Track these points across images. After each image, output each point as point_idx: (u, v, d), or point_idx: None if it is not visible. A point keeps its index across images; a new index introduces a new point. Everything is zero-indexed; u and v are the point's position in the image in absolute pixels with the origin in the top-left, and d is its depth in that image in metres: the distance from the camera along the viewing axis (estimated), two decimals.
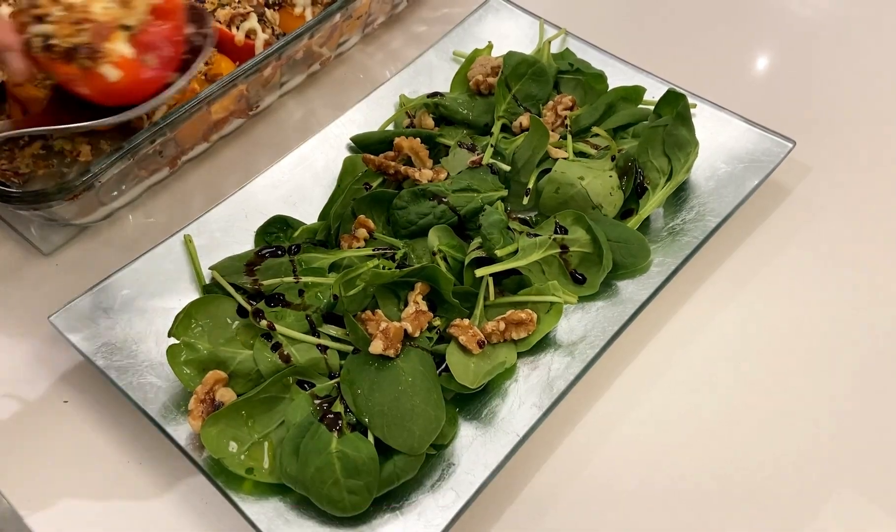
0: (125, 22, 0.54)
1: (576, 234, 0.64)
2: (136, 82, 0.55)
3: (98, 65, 0.52)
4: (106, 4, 0.54)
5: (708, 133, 0.72)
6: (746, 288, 0.67)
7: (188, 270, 0.65)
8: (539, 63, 0.75)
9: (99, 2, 0.53)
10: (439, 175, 0.68)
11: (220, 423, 0.55)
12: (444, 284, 0.60)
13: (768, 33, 0.88)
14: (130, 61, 0.53)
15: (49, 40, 0.52)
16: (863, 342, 0.64)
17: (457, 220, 0.65)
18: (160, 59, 0.56)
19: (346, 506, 0.52)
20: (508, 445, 0.55)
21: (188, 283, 0.65)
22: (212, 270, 0.64)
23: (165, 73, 0.56)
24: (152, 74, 0.55)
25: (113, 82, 0.53)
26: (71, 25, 0.52)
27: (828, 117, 0.79)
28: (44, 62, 0.53)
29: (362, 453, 0.53)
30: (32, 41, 0.52)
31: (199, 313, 0.60)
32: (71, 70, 0.52)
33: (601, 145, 0.72)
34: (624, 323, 0.61)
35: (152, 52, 0.55)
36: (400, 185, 0.69)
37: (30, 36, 0.52)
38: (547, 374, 0.59)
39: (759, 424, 0.60)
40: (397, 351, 0.57)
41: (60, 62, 0.52)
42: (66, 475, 0.58)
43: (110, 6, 0.53)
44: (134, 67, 0.54)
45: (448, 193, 0.66)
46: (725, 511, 0.56)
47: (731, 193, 0.68)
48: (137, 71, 0.54)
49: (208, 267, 0.65)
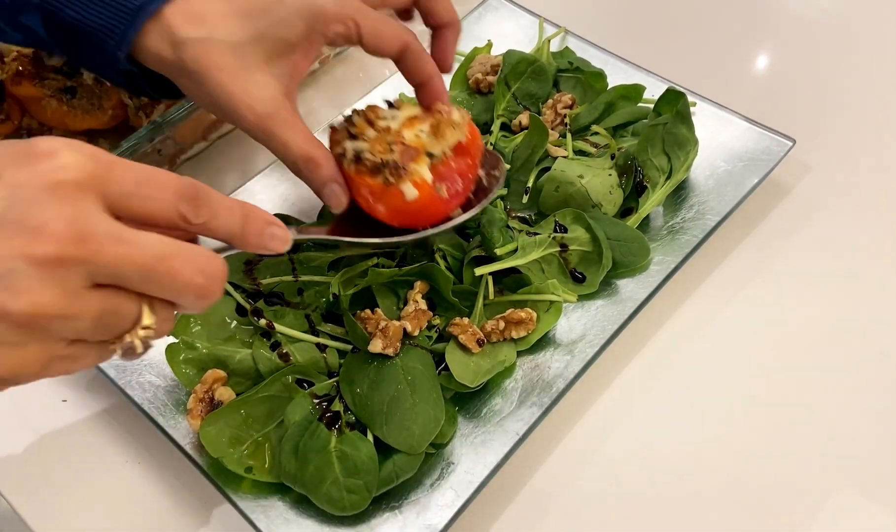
0: (431, 150, 0.57)
1: (575, 232, 0.64)
2: (427, 208, 0.58)
3: (400, 182, 0.55)
4: (418, 132, 0.57)
5: (708, 131, 0.72)
6: (746, 287, 0.67)
7: None
8: (538, 61, 0.75)
9: (412, 129, 0.57)
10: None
11: (220, 422, 0.55)
12: (443, 283, 0.60)
13: (768, 32, 0.88)
14: (427, 186, 0.56)
15: (361, 154, 0.56)
16: (864, 340, 0.64)
17: None
18: (450, 192, 0.58)
19: (345, 505, 0.52)
20: (508, 444, 0.55)
21: None
22: None
23: (451, 206, 0.59)
24: (441, 205, 0.58)
25: (407, 202, 0.56)
26: (384, 143, 0.56)
27: (828, 116, 0.79)
28: (351, 174, 0.56)
29: (361, 452, 0.53)
30: (346, 154, 0.57)
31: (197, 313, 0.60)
32: (375, 183, 0.55)
33: (601, 144, 0.72)
34: (624, 322, 0.61)
35: (446, 182, 0.58)
36: None
37: (343, 150, 0.57)
38: (547, 373, 0.59)
39: (760, 423, 0.60)
40: (396, 350, 0.57)
41: (367, 175, 0.55)
42: (64, 474, 0.58)
43: (421, 134, 0.57)
44: (428, 193, 0.57)
45: None
46: (726, 510, 0.56)
47: (730, 192, 0.68)
48: (430, 197, 0.57)
49: None
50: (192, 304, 0.40)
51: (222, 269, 0.41)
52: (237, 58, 0.54)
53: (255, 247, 0.44)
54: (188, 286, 0.39)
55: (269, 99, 0.54)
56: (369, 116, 0.58)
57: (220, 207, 0.42)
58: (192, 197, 0.40)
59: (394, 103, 0.60)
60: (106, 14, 0.54)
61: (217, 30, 0.54)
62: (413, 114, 0.59)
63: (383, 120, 0.58)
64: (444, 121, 0.57)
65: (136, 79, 0.58)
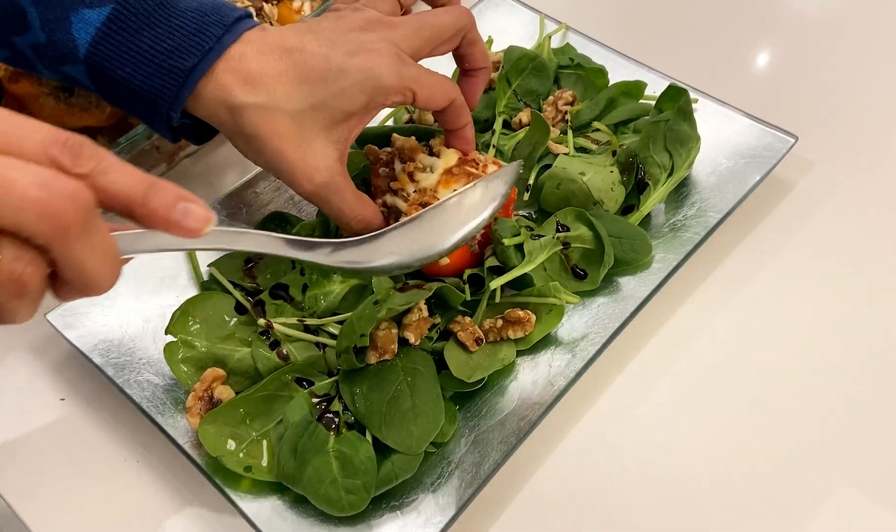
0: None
1: (578, 230, 0.63)
2: (459, 265, 0.60)
3: None
4: (450, 192, 0.59)
5: (710, 128, 0.71)
6: (748, 284, 0.67)
7: (186, 267, 0.65)
8: (540, 58, 0.75)
9: (446, 189, 0.59)
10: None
11: (219, 421, 0.54)
12: (453, 300, 0.60)
13: (770, 27, 0.88)
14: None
15: (399, 216, 0.59)
16: (866, 338, 0.63)
17: None
18: (481, 244, 0.61)
19: (343, 505, 0.52)
20: (509, 443, 0.55)
21: (186, 280, 0.65)
22: (210, 268, 0.64)
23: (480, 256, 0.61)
24: (471, 258, 0.61)
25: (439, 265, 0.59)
26: (418, 207, 0.58)
27: (831, 112, 0.79)
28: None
29: (360, 453, 0.53)
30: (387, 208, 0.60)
31: (196, 310, 0.60)
32: None
33: (602, 141, 0.71)
34: (625, 320, 0.60)
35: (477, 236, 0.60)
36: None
37: (384, 203, 0.60)
38: (547, 372, 0.59)
39: (762, 421, 0.59)
40: (393, 354, 0.57)
41: None
42: (63, 473, 0.57)
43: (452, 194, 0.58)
44: (461, 253, 0.59)
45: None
46: (727, 508, 0.56)
47: (732, 189, 0.68)
48: (463, 256, 0.60)
49: (207, 264, 0.64)
50: (37, 228, 0.33)
51: (76, 191, 0.34)
52: (297, 126, 0.53)
53: (164, 222, 0.38)
54: (25, 200, 0.33)
55: (326, 168, 0.54)
56: (409, 169, 0.60)
57: (113, 164, 0.37)
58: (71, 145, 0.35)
59: (433, 148, 0.62)
60: (157, 77, 0.53)
61: (276, 95, 0.53)
62: (450, 165, 0.60)
63: (422, 171, 0.60)
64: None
65: (187, 131, 0.58)
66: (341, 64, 0.54)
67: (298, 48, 0.54)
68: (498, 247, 0.60)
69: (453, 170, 0.60)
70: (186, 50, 0.52)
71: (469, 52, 0.62)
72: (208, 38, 0.53)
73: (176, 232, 0.38)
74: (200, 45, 0.52)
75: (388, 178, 0.62)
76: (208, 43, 0.53)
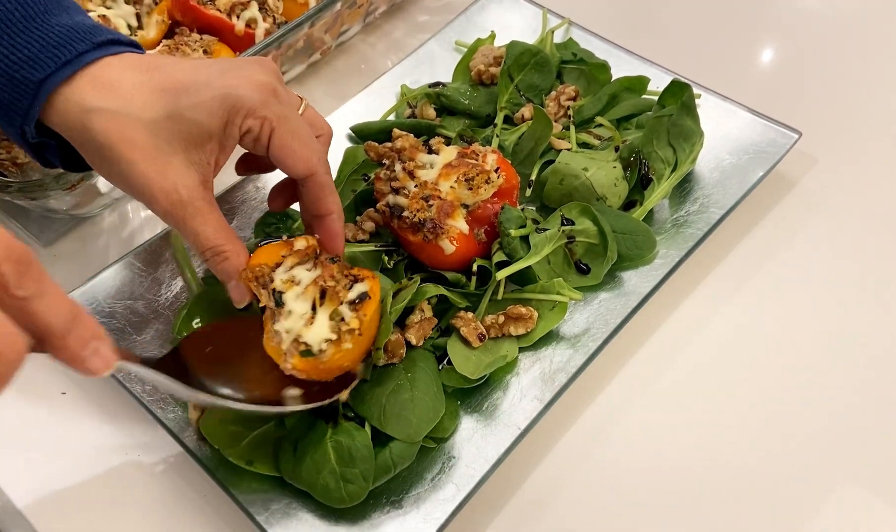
0: (466, 201, 0.60)
1: (583, 225, 0.63)
2: (466, 254, 0.61)
3: (439, 240, 0.58)
4: (453, 184, 0.60)
5: (713, 124, 0.71)
6: (751, 280, 0.66)
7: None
8: (542, 53, 0.75)
9: (448, 180, 0.60)
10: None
11: (220, 415, 0.54)
12: (457, 302, 0.60)
13: (774, 22, 0.87)
14: (464, 236, 0.60)
15: (402, 213, 0.59)
16: (868, 334, 0.63)
17: None
18: (488, 234, 0.61)
19: (342, 496, 0.51)
20: (509, 439, 0.55)
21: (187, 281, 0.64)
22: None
23: (488, 246, 0.62)
24: (479, 247, 0.61)
25: (447, 256, 0.59)
26: (420, 201, 0.59)
27: (834, 108, 0.78)
28: (395, 228, 0.61)
29: (356, 441, 0.53)
30: (390, 208, 0.60)
31: (200, 310, 0.60)
32: (416, 239, 0.59)
33: (605, 136, 0.71)
34: (627, 315, 0.60)
35: (484, 226, 0.61)
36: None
37: (386, 203, 0.61)
38: (549, 367, 0.58)
39: (763, 417, 0.59)
40: (401, 358, 0.57)
41: (409, 231, 0.60)
42: (64, 467, 0.57)
43: (456, 187, 0.60)
44: (466, 242, 0.60)
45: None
46: (728, 505, 0.55)
47: (735, 185, 0.67)
48: (469, 245, 0.60)
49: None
50: None
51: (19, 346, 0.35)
52: (151, 136, 0.50)
53: (72, 357, 0.39)
54: None
55: (185, 187, 0.50)
56: (409, 167, 0.61)
57: (50, 289, 0.37)
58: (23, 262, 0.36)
59: (433, 147, 0.62)
60: (9, 88, 0.49)
61: (131, 103, 0.50)
62: (449, 159, 0.61)
63: (422, 169, 0.61)
64: (480, 173, 0.60)
65: (48, 150, 0.54)
66: (208, 78, 0.51)
67: (170, 65, 0.51)
68: (504, 238, 0.60)
69: (453, 162, 0.61)
70: (42, 61, 0.49)
71: (319, 197, 0.55)
72: (68, 52, 0.50)
73: (78, 368, 0.40)
74: (57, 58, 0.49)
75: (388, 180, 0.62)
76: (66, 56, 0.49)
